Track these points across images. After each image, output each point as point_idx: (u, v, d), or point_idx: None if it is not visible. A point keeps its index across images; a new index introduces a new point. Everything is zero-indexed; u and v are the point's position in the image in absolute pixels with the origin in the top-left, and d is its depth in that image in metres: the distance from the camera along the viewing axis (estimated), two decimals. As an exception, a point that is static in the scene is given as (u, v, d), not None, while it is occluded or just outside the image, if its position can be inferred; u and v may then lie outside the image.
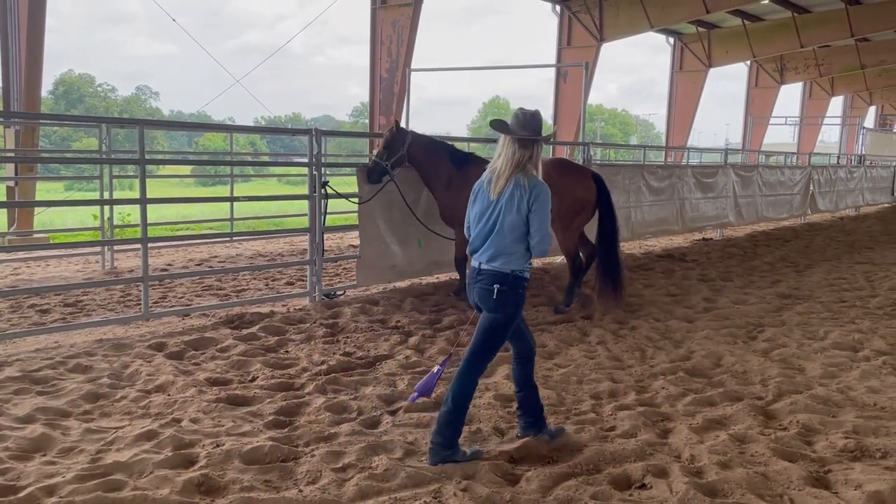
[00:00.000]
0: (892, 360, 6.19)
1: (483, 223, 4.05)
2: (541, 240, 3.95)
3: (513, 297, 3.98)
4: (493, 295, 3.96)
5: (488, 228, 4.03)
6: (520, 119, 4.02)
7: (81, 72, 74.23)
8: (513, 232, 3.95)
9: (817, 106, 37.91)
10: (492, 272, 3.99)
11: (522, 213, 3.93)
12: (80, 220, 16.48)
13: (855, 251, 13.27)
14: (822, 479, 3.92)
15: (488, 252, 4.01)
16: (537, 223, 3.93)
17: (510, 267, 3.97)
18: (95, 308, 7.78)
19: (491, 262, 4.00)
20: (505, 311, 3.99)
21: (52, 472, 3.76)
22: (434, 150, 8.13)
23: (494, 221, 4.00)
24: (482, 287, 4.02)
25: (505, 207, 3.96)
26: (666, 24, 24.18)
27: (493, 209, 4.01)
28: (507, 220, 3.95)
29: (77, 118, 30.21)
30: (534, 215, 3.93)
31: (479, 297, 4.07)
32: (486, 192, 4.07)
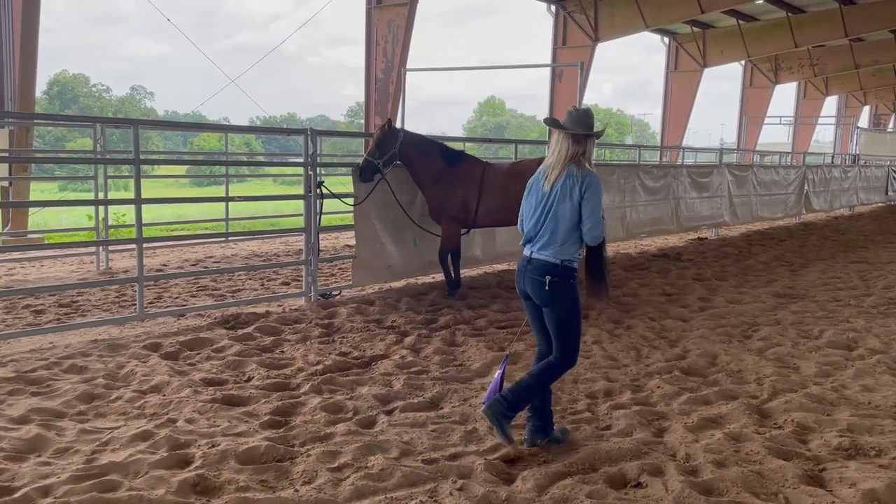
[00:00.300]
0: (886, 359, 6.21)
1: (537, 214, 4.21)
2: (592, 226, 4.08)
3: (565, 288, 4.13)
4: (545, 286, 4.11)
5: (542, 218, 4.18)
6: (573, 116, 4.19)
7: (76, 72, 74.08)
8: (566, 220, 4.09)
9: (812, 106, 38.03)
10: (542, 262, 4.15)
11: (575, 202, 4.07)
12: (75, 220, 16.43)
13: (849, 250, 13.31)
14: (816, 478, 3.93)
15: (541, 241, 4.17)
16: (589, 210, 4.06)
17: (560, 257, 4.12)
18: (90, 308, 7.76)
19: (542, 251, 4.16)
20: (564, 303, 4.14)
21: (46, 472, 3.75)
22: (425, 148, 8.21)
23: (548, 211, 4.15)
24: (533, 277, 4.17)
25: (558, 197, 4.12)
26: (661, 24, 24.21)
27: (547, 200, 4.17)
28: (561, 208, 4.11)
29: (71, 118, 30.13)
30: (586, 202, 4.07)
31: (530, 288, 4.21)
32: (540, 185, 4.23)
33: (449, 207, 8.23)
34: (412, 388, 5.25)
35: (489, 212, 8.30)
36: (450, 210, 8.23)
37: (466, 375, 5.62)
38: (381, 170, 7.91)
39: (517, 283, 4.35)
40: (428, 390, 5.22)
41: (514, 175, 8.26)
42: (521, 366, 5.90)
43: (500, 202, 8.25)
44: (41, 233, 12.89)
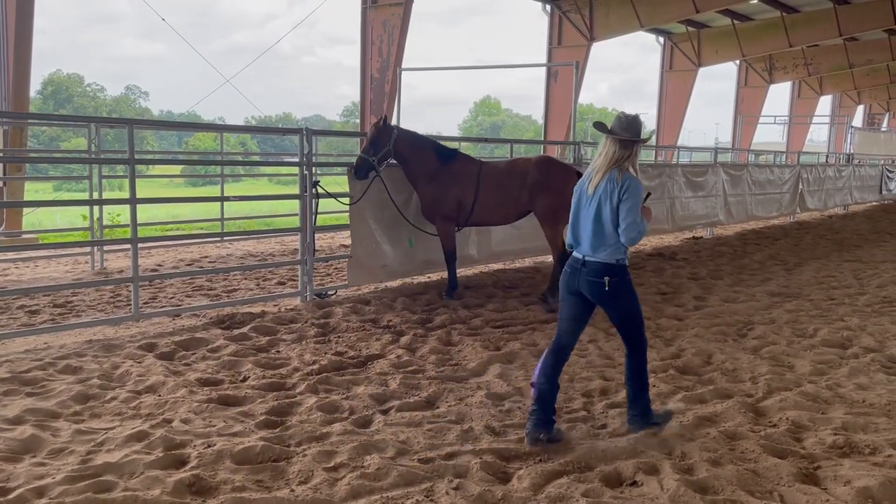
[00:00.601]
0: (880, 357, 6.24)
1: (584, 217, 4.35)
2: (627, 227, 4.18)
3: (624, 286, 4.33)
4: (605, 287, 4.27)
5: (589, 222, 4.32)
6: (622, 121, 4.30)
7: (70, 72, 73.72)
8: (609, 223, 4.23)
9: (806, 105, 38.10)
10: (599, 263, 4.29)
11: (614, 204, 4.20)
12: (70, 220, 16.38)
13: (843, 249, 13.35)
14: (811, 476, 3.95)
15: (592, 244, 4.30)
16: (625, 211, 4.17)
17: (615, 257, 4.28)
18: (85, 309, 7.74)
19: (596, 254, 4.30)
20: (625, 300, 4.35)
21: (41, 473, 3.74)
22: (419, 146, 8.20)
23: (593, 214, 4.29)
24: (590, 279, 4.31)
25: (602, 200, 4.26)
26: (656, 24, 24.25)
27: (592, 203, 4.31)
28: (604, 211, 4.24)
29: (66, 118, 30.03)
30: (623, 204, 4.18)
31: (587, 289, 4.34)
32: (585, 188, 4.38)
33: (443, 206, 8.23)
34: (408, 388, 5.25)
35: (486, 210, 8.31)
36: (444, 208, 8.23)
37: (462, 375, 5.62)
38: (376, 167, 7.91)
39: (567, 284, 4.45)
40: (424, 390, 5.22)
41: (512, 174, 8.32)
42: (517, 364, 5.91)
43: (496, 200, 8.27)
44: (36, 233, 12.86)
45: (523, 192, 8.25)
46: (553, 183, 8.21)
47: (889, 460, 4.08)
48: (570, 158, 11.99)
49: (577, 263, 4.38)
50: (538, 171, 8.26)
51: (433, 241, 8.65)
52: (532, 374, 4.54)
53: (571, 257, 4.46)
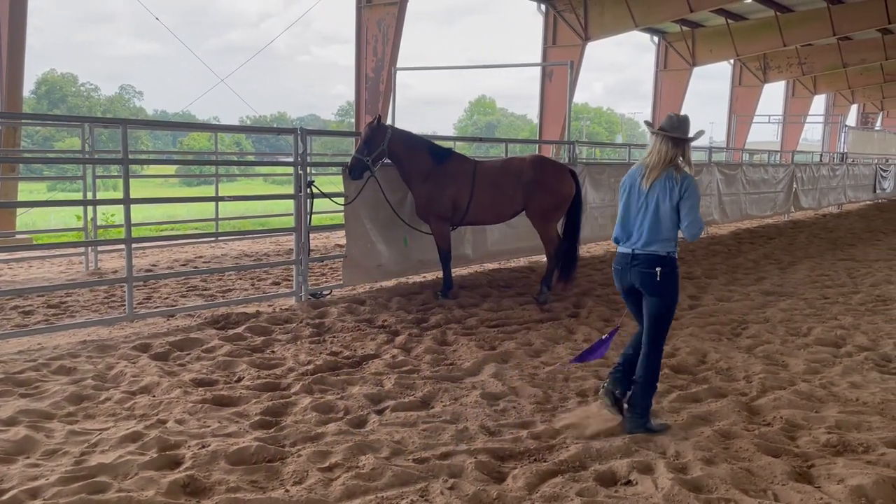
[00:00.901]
0: (873, 356, 6.26)
1: (637, 212, 4.50)
2: (691, 223, 4.39)
3: (673, 279, 4.48)
4: (657, 278, 4.42)
5: (642, 216, 4.48)
6: (673, 121, 4.46)
7: (64, 71, 73.48)
8: (667, 218, 4.39)
9: (800, 104, 38.21)
10: (650, 256, 4.45)
11: (674, 201, 4.37)
12: (64, 220, 16.33)
13: (837, 248, 13.40)
14: (805, 474, 3.96)
15: (644, 238, 4.46)
16: (687, 209, 4.37)
17: (666, 250, 4.45)
18: (79, 309, 7.72)
19: (647, 247, 4.45)
20: (670, 293, 4.49)
21: (35, 474, 3.73)
22: (414, 146, 8.20)
23: (649, 209, 4.43)
24: (642, 271, 4.47)
25: (659, 197, 4.41)
26: (650, 23, 24.28)
27: (647, 199, 4.45)
28: (662, 207, 4.39)
29: (59, 118, 29.95)
30: (684, 202, 4.37)
31: (640, 281, 4.50)
32: (638, 185, 4.51)
33: (438, 205, 8.23)
34: (403, 388, 5.25)
35: (481, 209, 8.33)
36: (439, 208, 8.23)
37: (457, 374, 5.63)
38: (370, 167, 7.90)
39: (620, 280, 4.63)
40: (419, 389, 5.22)
41: (507, 173, 8.36)
42: (512, 364, 5.91)
43: (491, 199, 8.30)
44: (29, 233, 12.80)
45: (518, 191, 8.29)
46: (548, 182, 8.27)
47: (882, 458, 4.10)
48: (564, 158, 11.99)
49: (626, 258, 4.54)
50: (533, 169, 8.30)
51: (428, 241, 8.65)
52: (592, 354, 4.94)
53: (619, 253, 4.61)
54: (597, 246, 13.27)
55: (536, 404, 4.98)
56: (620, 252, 4.59)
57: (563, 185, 8.35)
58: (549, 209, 8.32)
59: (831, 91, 39.07)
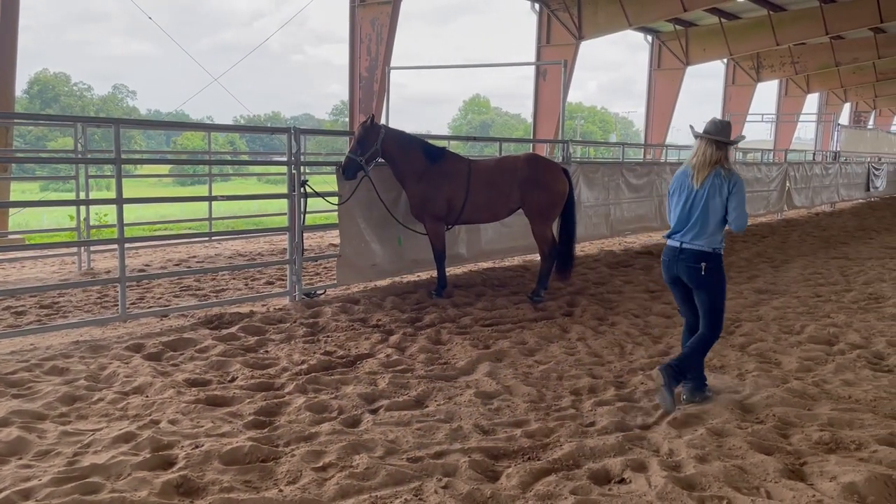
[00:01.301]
0: (866, 354, 6.29)
1: (686, 209, 4.87)
2: (738, 216, 4.78)
3: (718, 273, 4.83)
4: (702, 272, 4.80)
5: (690, 212, 4.85)
6: (717, 126, 4.84)
7: (57, 70, 73.14)
8: (715, 214, 4.77)
9: (793, 103, 38.31)
10: (696, 251, 4.82)
11: (723, 198, 4.74)
12: (56, 220, 16.27)
13: (830, 246, 13.45)
14: (797, 472, 3.97)
15: (692, 232, 4.83)
16: (735, 204, 4.76)
17: (712, 246, 4.81)
18: (72, 309, 7.69)
19: (695, 241, 4.82)
20: (716, 286, 4.84)
21: (28, 475, 3.71)
22: (407, 145, 8.16)
23: (699, 206, 4.81)
24: (688, 265, 4.86)
25: (708, 194, 4.79)
26: (644, 23, 24.31)
27: (696, 196, 4.83)
28: (711, 204, 4.77)
29: (52, 117, 29.81)
30: (732, 198, 4.76)
31: (685, 274, 4.89)
32: (688, 184, 4.89)
33: (433, 205, 8.20)
34: (397, 387, 5.25)
35: (476, 208, 8.32)
36: (434, 207, 8.21)
37: (451, 374, 5.63)
38: (364, 167, 7.88)
39: (668, 271, 5.03)
40: (413, 389, 5.22)
41: (502, 171, 8.34)
42: (506, 363, 5.91)
43: (486, 198, 8.29)
44: (22, 233, 12.76)
45: (513, 190, 8.28)
46: (543, 180, 8.28)
47: (874, 456, 4.12)
48: (558, 157, 12.00)
49: (674, 251, 4.93)
50: (528, 168, 8.31)
51: (422, 240, 8.65)
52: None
53: (668, 246, 5.00)
54: (591, 245, 13.29)
55: (530, 403, 4.98)
56: (669, 245, 4.99)
57: (559, 183, 8.39)
58: (547, 207, 8.34)
59: (824, 90, 39.19)
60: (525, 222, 8.75)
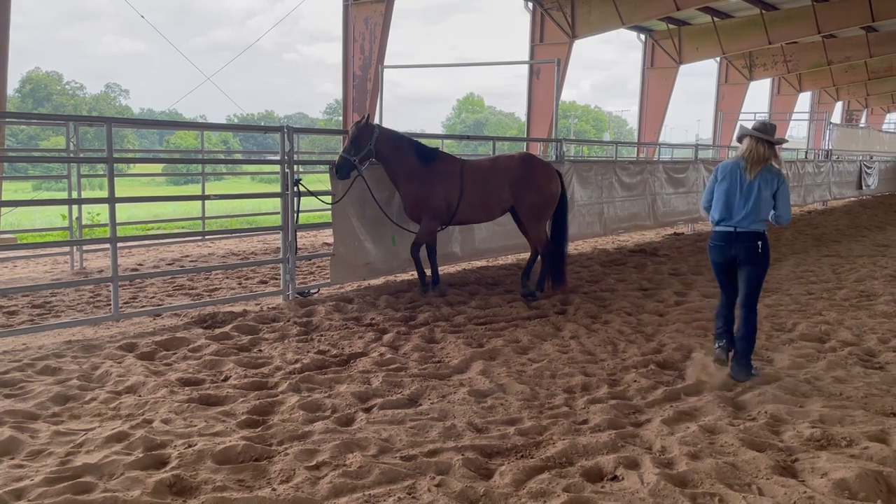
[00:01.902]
0: (857, 351, 6.32)
1: (741, 198, 5.48)
2: (784, 211, 5.53)
3: (768, 249, 5.54)
4: (759, 249, 5.47)
5: (745, 200, 5.47)
6: (767, 128, 5.49)
7: (49, 69, 72.86)
8: (766, 204, 5.43)
9: (785, 102, 38.45)
10: (752, 232, 5.47)
11: (772, 191, 5.42)
12: (49, 220, 16.22)
13: (822, 244, 13.50)
14: (789, 468, 3.99)
15: (749, 218, 5.47)
16: (782, 199, 5.49)
17: (762, 228, 5.49)
18: (64, 309, 7.67)
19: (751, 225, 5.47)
20: (766, 261, 5.54)
21: (20, 475, 3.70)
22: (401, 145, 8.13)
23: (753, 196, 5.44)
24: (746, 245, 5.49)
25: (760, 187, 5.42)
26: (637, 21, 24.35)
27: (749, 188, 5.45)
28: (762, 195, 5.41)
29: (44, 116, 29.69)
30: (780, 194, 5.47)
31: (744, 253, 5.50)
32: (741, 175, 5.49)
33: (430, 205, 8.16)
34: (391, 386, 5.25)
35: (471, 208, 8.31)
36: (431, 208, 8.17)
37: (445, 372, 5.63)
38: (358, 167, 7.87)
39: (722, 253, 5.59)
40: (406, 387, 5.22)
41: (495, 171, 8.35)
42: (499, 361, 5.92)
43: (480, 198, 8.28)
44: (14, 233, 12.71)
45: (506, 189, 8.28)
46: (537, 181, 8.30)
47: (865, 452, 4.14)
48: (552, 156, 12.01)
49: (729, 235, 5.54)
50: (522, 168, 8.32)
51: (415, 239, 8.65)
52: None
53: (719, 232, 5.59)
54: (584, 243, 13.32)
55: (524, 401, 4.99)
56: (721, 231, 5.57)
57: (552, 183, 8.41)
58: (541, 207, 8.34)
59: (816, 89, 39.35)
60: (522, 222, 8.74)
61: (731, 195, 5.49)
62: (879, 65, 34.25)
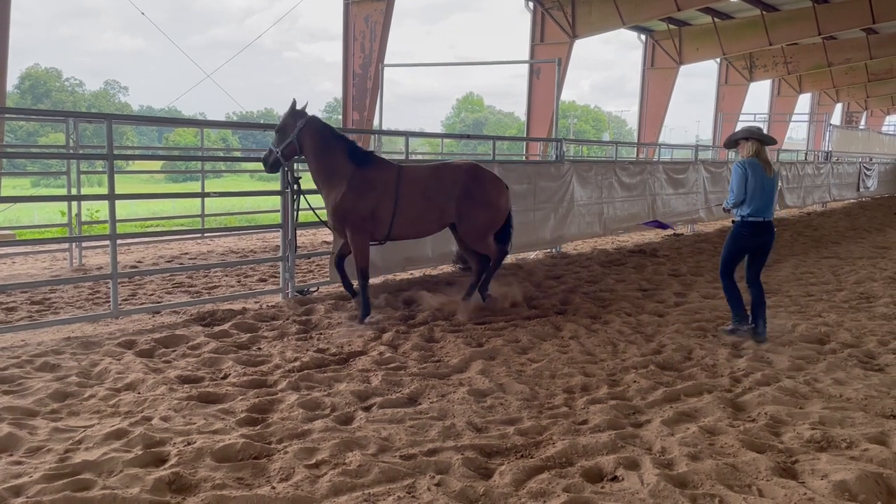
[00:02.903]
0: (857, 353, 6.32)
1: (767, 192, 6.54)
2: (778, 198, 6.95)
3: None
4: (775, 236, 6.78)
5: (771, 195, 6.59)
6: (764, 134, 6.71)
7: (48, 66, 72.76)
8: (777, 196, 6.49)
9: (785, 103, 38.48)
10: (771, 223, 6.66)
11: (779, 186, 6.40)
12: (48, 216, 16.19)
13: (822, 246, 13.51)
14: (789, 470, 3.99)
15: (770, 210, 6.61)
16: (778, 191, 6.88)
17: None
18: (63, 306, 7.66)
19: (771, 216, 6.63)
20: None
21: (18, 472, 3.69)
22: (329, 143, 7.16)
23: (774, 190, 6.63)
24: (772, 232, 6.72)
25: (775, 182, 6.68)
26: (638, 22, 24.35)
27: (771, 184, 6.57)
28: (776, 190, 6.55)
29: (43, 112, 29.61)
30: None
31: (770, 238, 6.71)
32: (763, 173, 6.53)
33: (354, 216, 7.12)
34: (390, 385, 5.24)
35: (408, 223, 7.28)
36: (355, 219, 7.12)
37: (444, 371, 5.62)
38: (283, 161, 7.21)
39: (753, 241, 6.68)
40: (406, 386, 5.22)
41: (439, 181, 7.37)
42: (499, 361, 5.91)
43: (420, 212, 7.27)
44: (13, 229, 12.68)
45: (450, 203, 7.31)
46: (486, 195, 7.44)
47: (865, 454, 4.14)
48: (552, 155, 12.01)
49: (761, 225, 6.62)
50: (469, 180, 7.39)
51: (418, 239, 8.60)
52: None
53: (753, 223, 6.58)
54: (584, 243, 13.32)
55: (523, 401, 4.99)
56: (754, 222, 6.57)
57: (502, 199, 7.57)
58: (489, 224, 7.50)
59: (816, 90, 39.38)
60: (520, 221, 8.68)
61: (758, 190, 6.47)
62: (879, 67, 34.29)
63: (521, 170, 10.81)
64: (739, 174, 6.51)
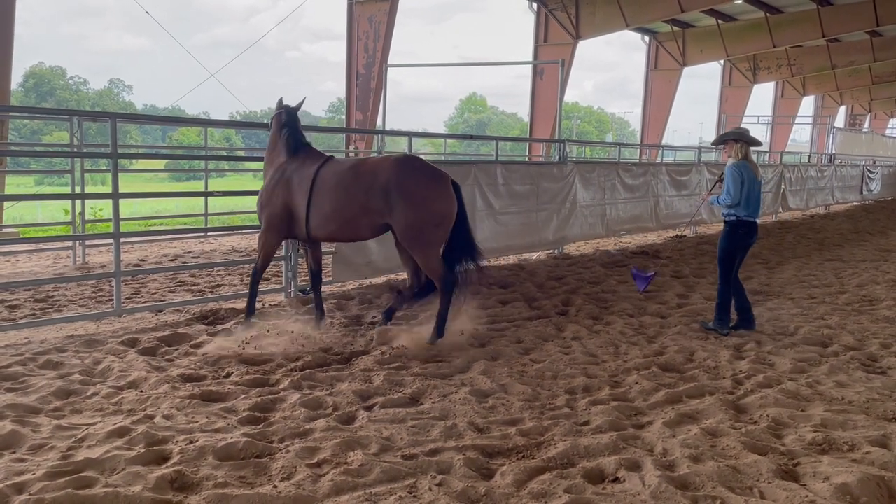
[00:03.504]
0: (859, 356, 6.31)
1: (757, 195, 6.88)
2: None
3: None
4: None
5: (760, 197, 6.96)
6: (752, 137, 7.01)
7: (52, 64, 72.93)
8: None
9: (789, 105, 38.44)
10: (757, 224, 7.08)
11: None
12: (51, 214, 16.22)
13: (825, 248, 13.49)
14: (791, 472, 3.99)
15: (759, 211, 7.00)
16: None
17: None
18: (66, 304, 7.67)
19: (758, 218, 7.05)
20: None
21: (21, 469, 3.70)
22: (277, 133, 6.79)
23: (760, 192, 6.94)
24: (756, 236, 7.08)
25: (761, 184, 6.99)
26: (641, 23, 24.34)
27: (759, 186, 6.93)
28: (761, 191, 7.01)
29: (47, 110, 29.65)
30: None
31: (756, 238, 7.09)
32: (753, 175, 6.83)
33: (264, 211, 6.57)
34: (392, 384, 5.25)
35: (324, 221, 6.32)
36: (265, 214, 6.57)
37: (447, 371, 5.63)
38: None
39: (746, 240, 6.98)
40: (408, 386, 5.22)
41: (357, 175, 6.26)
42: (501, 361, 5.92)
43: (334, 209, 6.26)
44: (16, 227, 12.70)
45: (374, 200, 6.13)
46: (417, 192, 6.13)
47: (867, 457, 4.13)
48: (555, 156, 12.01)
49: (754, 226, 6.95)
50: (396, 174, 6.13)
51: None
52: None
53: (747, 222, 6.88)
54: (586, 244, 13.31)
55: (525, 401, 4.99)
56: (749, 221, 6.88)
57: (439, 198, 6.21)
58: (422, 228, 6.12)
59: (820, 92, 39.31)
60: (521, 221, 8.67)
61: (752, 192, 6.77)
62: (883, 69, 34.24)
63: (524, 170, 10.82)
64: (736, 176, 6.78)
